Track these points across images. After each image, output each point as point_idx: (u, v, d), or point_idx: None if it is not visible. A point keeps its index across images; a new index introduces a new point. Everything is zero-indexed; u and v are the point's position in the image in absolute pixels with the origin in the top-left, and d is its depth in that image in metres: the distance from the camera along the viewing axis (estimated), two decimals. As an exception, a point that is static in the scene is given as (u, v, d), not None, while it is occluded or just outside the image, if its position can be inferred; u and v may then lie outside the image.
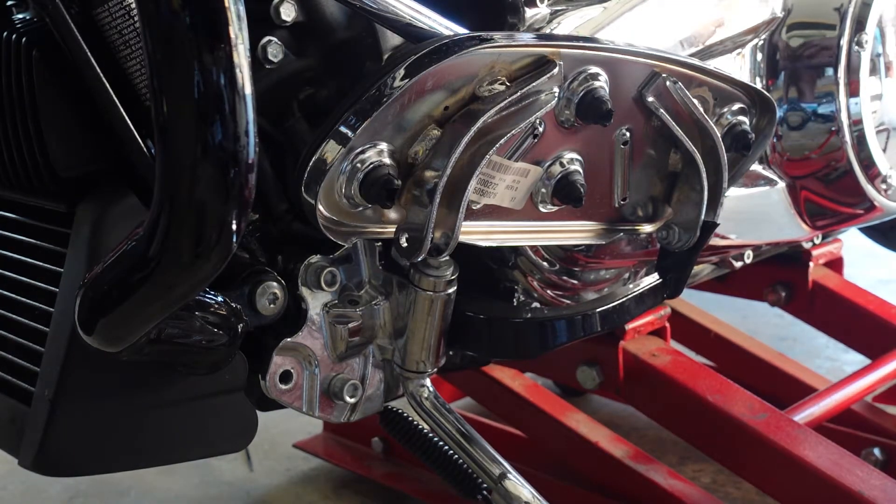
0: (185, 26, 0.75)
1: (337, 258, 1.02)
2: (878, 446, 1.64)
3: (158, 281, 0.81)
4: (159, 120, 0.77)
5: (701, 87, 1.12)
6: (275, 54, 0.96)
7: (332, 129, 0.92)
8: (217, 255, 0.81)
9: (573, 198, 1.03)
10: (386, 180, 0.92)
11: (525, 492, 1.08)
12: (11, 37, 0.95)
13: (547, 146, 1.02)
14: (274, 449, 1.93)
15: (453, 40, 0.94)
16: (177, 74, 0.76)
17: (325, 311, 1.02)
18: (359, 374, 1.06)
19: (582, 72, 1.01)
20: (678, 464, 1.78)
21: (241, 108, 0.77)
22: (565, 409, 1.56)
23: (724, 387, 1.39)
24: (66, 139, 0.95)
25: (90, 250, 0.94)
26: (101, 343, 0.86)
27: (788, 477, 1.30)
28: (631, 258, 1.23)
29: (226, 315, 0.93)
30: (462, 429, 1.09)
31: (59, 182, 0.96)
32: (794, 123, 1.42)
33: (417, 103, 0.94)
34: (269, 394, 1.01)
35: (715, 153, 1.11)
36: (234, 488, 1.81)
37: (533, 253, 1.16)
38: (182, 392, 0.99)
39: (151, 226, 0.80)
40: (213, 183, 0.78)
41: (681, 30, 1.23)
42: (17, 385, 1.00)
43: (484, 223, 1.02)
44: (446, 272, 1.02)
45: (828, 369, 2.16)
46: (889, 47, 1.47)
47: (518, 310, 1.19)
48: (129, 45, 0.94)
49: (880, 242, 2.08)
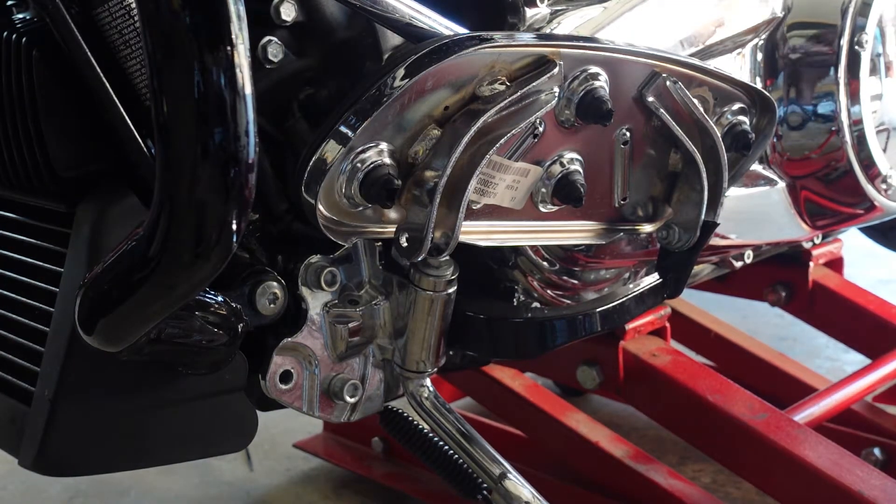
0: (185, 26, 0.75)
1: (337, 258, 1.02)
2: (878, 446, 1.64)
3: (158, 281, 0.81)
4: (159, 120, 0.77)
5: (701, 86, 1.12)
6: (275, 54, 0.96)
7: (333, 129, 0.92)
8: (217, 255, 0.81)
9: (573, 198, 1.03)
10: (386, 180, 0.92)
11: (525, 492, 1.08)
12: (11, 37, 0.95)
13: (547, 146, 1.02)
14: (274, 449, 1.93)
15: (453, 40, 0.94)
16: (177, 74, 0.76)
17: (326, 310, 1.02)
18: (359, 374, 1.06)
19: (582, 72, 1.01)
20: (678, 464, 1.78)
21: (241, 108, 0.77)
22: (565, 409, 1.56)
23: (724, 387, 1.39)
24: (66, 139, 0.95)
25: (90, 250, 0.94)
26: (101, 343, 0.86)
27: (788, 477, 1.30)
28: (631, 258, 1.23)
29: (226, 315, 0.93)
30: (462, 429, 1.09)
31: (59, 182, 0.96)
32: (794, 123, 1.42)
33: (417, 103, 0.94)
34: (269, 394, 1.01)
35: (715, 153, 1.11)
36: (234, 488, 1.81)
37: (533, 253, 1.16)
38: (182, 392, 0.98)
39: (151, 226, 0.80)
40: (213, 183, 0.78)
41: (681, 30, 1.23)
42: (17, 385, 1.00)
43: (484, 223, 1.02)
44: (446, 272, 1.02)
45: (828, 369, 2.16)
46: (889, 47, 1.47)
47: (518, 310, 1.19)
48: (130, 45, 0.94)
49: (880, 242, 2.08)
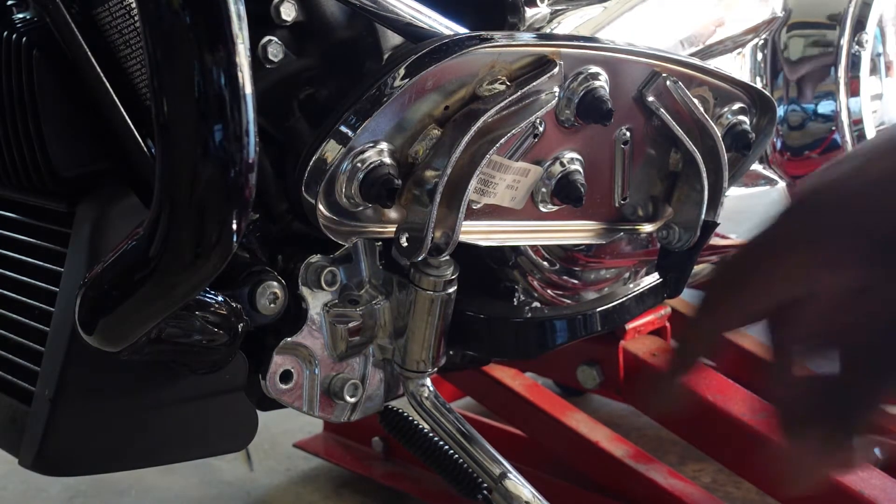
0: (185, 26, 0.75)
1: (337, 258, 1.02)
2: (878, 446, 1.64)
3: (159, 281, 0.81)
4: (159, 120, 0.77)
5: (701, 86, 1.12)
6: (275, 54, 0.96)
7: (333, 129, 0.92)
8: (217, 255, 0.81)
9: (573, 197, 1.03)
10: (386, 180, 0.92)
11: (525, 492, 1.08)
12: (11, 37, 0.95)
13: (547, 146, 1.02)
14: (274, 448, 1.93)
15: (453, 40, 0.94)
16: (177, 74, 0.76)
17: (326, 310, 1.02)
18: (359, 374, 1.06)
19: (582, 71, 1.01)
20: (678, 463, 1.78)
21: (242, 107, 0.77)
22: (565, 409, 1.56)
23: (724, 387, 1.39)
24: (66, 139, 0.95)
25: (90, 250, 0.94)
26: (102, 343, 0.86)
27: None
28: (631, 258, 1.23)
29: (226, 315, 0.93)
30: (462, 428, 1.09)
31: (59, 181, 0.96)
32: (795, 123, 1.42)
33: (418, 103, 0.94)
34: (270, 393, 1.01)
35: (715, 153, 1.11)
36: (234, 488, 1.81)
37: (533, 252, 1.16)
38: (182, 392, 0.99)
39: (152, 225, 0.80)
40: (213, 183, 0.78)
41: (681, 29, 1.23)
42: (17, 385, 1.00)
43: (484, 223, 1.02)
44: (446, 272, 1.02)
45: (828, 369, 2.15)
46: (889, 47, 1.47)
47: (518, 310, 1.19)
48: (130, 44, 0.94)
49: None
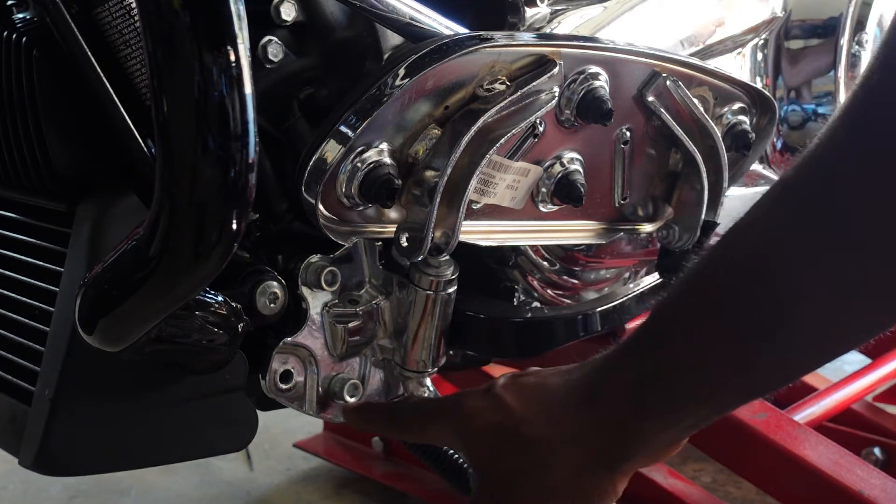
0: (185, 26, 0.75)
1: (337, 258, 1.02)
2: (878, 446, 1.64)
3: (159, 280, 0.81)
4: (159, 120, 0.77)
5: (701, 86, 1.12)
6: (275, 54, 0.96)
7: (333, 129, 0.92)
8: (217, 255, 0.81)
9: (573, 197, 1.03)
10: (386, 180, 0.92)
11: (525, 491, 1.07)
12: (11, 36, 0.95)
13: (547, 146, 1.02)
14: (274, 448, 1.93)
15: (453, 40, 0.94)
16: (177, 74, 0.76)
17: (326, 310, 1.02)
18: (359, 374, 1.06)
19: (582, 71, 1.01)
20: (678, 463, 1.78)
21: (242, 107, 0.77)
22: (565, 409, 1.56)
23: (725, 386, 1.39)
24: (66, 139, 0.95)
25: (90, 250, 0.94)
26: (102, 342, 0.86)
27: (788, 476, 1.30)
28: (631, 258, 1.23)
29: (226, 314, 0.93)
30: (462, 428, 1.08)
31: (59, 181, 0.96)
32: (795, 123, 1.42)
33: (418, 103, 0.94)
34: (269, 393, 1.01)
35: (715, 153, 1.11)
36: (234, 488, 1.81)
37: (533, 252, 1.16)
38: (182, 392, 0.98)
39: (152, 225, 0.80)
40: (213, 182, 0.78)
41: (681, 29, 1.23)
42: (17, 384, 1.00)
43: (484, 223, 1.02)
44: (446, 271, 1.02)
45: (828, 369, 2.14)
46: (889, 47, 1.47)
47: (518, 310, 1.19)
48: (129, 44, 0.94)
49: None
